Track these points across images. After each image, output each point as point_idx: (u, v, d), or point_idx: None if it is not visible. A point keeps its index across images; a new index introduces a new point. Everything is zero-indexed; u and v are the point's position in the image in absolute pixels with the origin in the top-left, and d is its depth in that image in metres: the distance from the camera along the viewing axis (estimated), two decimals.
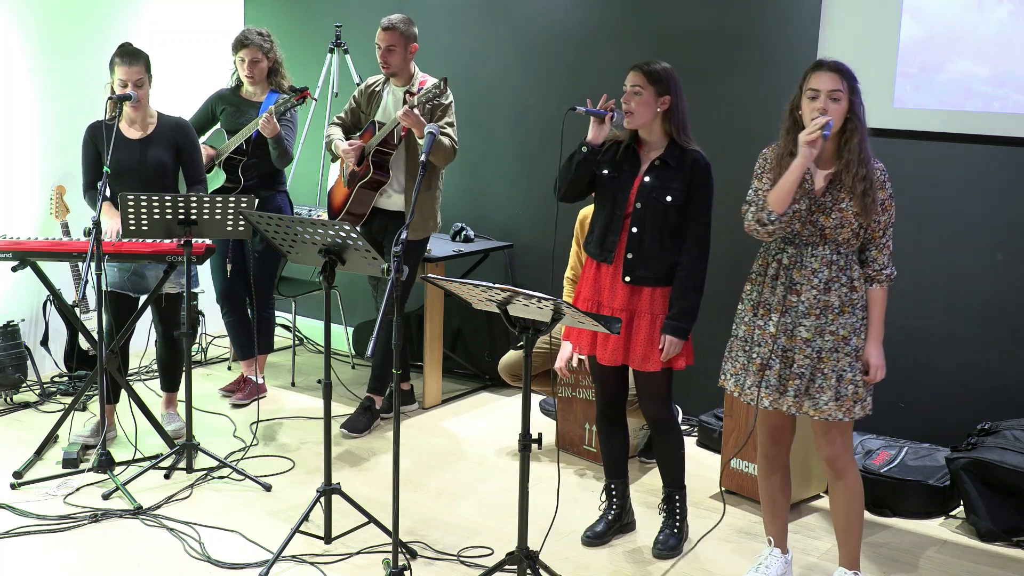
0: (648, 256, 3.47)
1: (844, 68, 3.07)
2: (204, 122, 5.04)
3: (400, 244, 3.17)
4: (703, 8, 4.83)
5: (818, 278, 3.12)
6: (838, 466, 3.20)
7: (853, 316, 3.12)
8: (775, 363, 3.17)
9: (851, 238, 3.10)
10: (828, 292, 3.11)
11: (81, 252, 4.11)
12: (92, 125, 4.35)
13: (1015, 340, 4.23)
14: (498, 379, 5.10)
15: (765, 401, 3.19)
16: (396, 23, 4.56)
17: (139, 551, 3.59)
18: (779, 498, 3.40)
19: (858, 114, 3.07)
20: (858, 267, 3.14)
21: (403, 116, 4.33)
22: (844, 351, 3.12)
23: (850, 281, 3.12)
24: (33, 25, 5.33)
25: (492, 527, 3.85)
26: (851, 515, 3.23)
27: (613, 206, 3.53)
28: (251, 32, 4.91)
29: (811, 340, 3.13)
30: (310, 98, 4.78)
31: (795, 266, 3.15)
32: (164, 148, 4.36)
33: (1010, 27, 4.09)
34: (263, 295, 5.07)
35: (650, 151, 3.53)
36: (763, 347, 3.19)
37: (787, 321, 3.15)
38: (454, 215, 5.56)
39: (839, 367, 3.12)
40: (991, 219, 4.25)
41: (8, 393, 5.05)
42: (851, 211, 3.07)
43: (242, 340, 5.13)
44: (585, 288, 3.63)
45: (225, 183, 4.89)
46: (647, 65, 3.47)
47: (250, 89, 4.98)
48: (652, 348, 3.49)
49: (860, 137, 3.07)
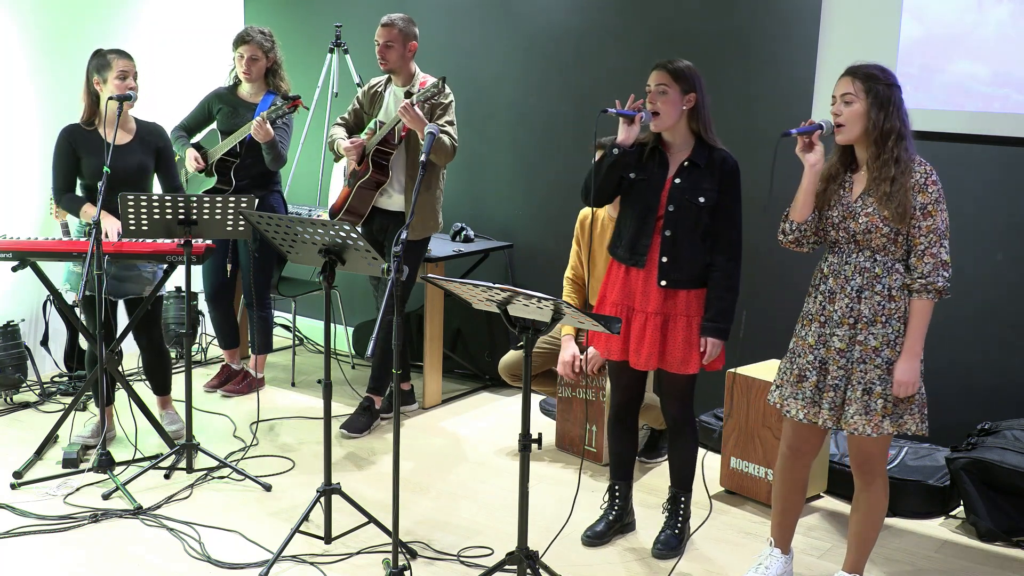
0: (682, 259, 3.44)
1: (861, 71, 3.04)
2: (201, 120, 5.05)
3: (400, 244, 3.17)
4: (703, 8, 4.84)
5: (851, 286, 3.06)
6: (866, 478, 3.17)
7: (887, 327, 3.03)
8: (811, 375, 3.13)
9: (887, 244, 3.02)
10: (859, 301, 3.05)
11: (81, 252, 4.11)
12: (70, 128, 4.31)
13: (1015, 340, 4.23)
14: (498, 379, 5.10)
15: (800, 414, 3.15)
16: (395, 20, 4.57)
17: (139, 551, 3.59)
18: (791, 505, 3.36)
19: (885, 114, 2.99)
20: (900, 276, 3.04)
21: (402, 111, 4.33)
22: (874, 363, 3.04)
23: (886, 290, 3.03)
24: (33, 25, 5.33)
25: (492, 527, 3.85)
26: (868, 526, 3.21)
27: (644, 210, 3.49)
28: (253, 30, 4.92)
29: (844, 351, 3.07)
30: (302, 107, 4.79)
31: (833, 274, 3.12)
32: (146, 152, 4.37)
33: (1010, 27, 4.09)
34: (261, 296, 5.08)
35: (677, 152, 3.49)
36: (802, 358, 3.17)
37: (825, 332, 3.11)
38: (454, 215, 5.56)
39: (867, 379, 3.05)
40: (991, 219, 4.25)
41: (8, 393, 5.05)
42: (879, 216, 3.01)
43: (225, 331, 5.30)
44: (613, 292, 3.59)
45: (217, 184, 4.91)
46: (671, 63, 3.43)
47: (247, 88, 4.99)
48: (690, 351, 3.47)
49: (883, 136, 3.00)
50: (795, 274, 4.23)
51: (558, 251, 5.13)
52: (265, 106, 4.89)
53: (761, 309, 4.62)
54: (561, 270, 4.59)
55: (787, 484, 3.33)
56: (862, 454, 3.14)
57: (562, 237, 5.09)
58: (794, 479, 3.32)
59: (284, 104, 4.72)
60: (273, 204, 5.02)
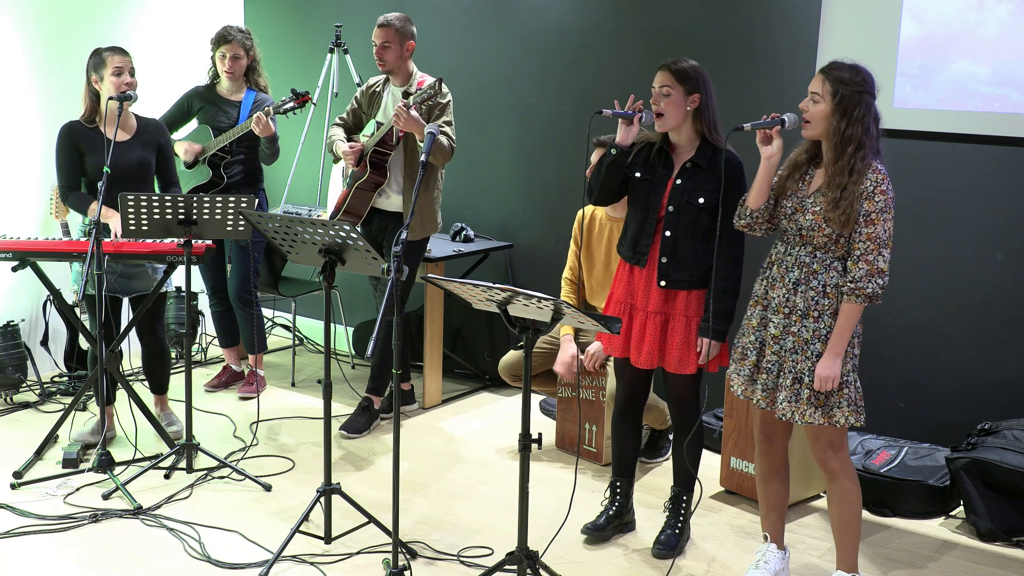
0: (682, 259, 3.46)
1: (833, 72, 3.04)
2: (179, 118, 5.08)
3: (400, 244, 3.17)
4: (703, 8, 4.83)
5: (789, 277, 3.15)
6: (828, 468, 3.20)
7: (819, 322, 3.10)
8: (751, 354, 3.25)
9: (829, 243, 3.07)
10: (795, 293, 3.13)
11: (81, 252, 4.11)
12: (70, 126, 4.31)
13: (1015, 340, 4.23)
14: (498, 379, 5.09)
15: (739, 390, 3.27)
16: (392, 20, 4.57)
17: (139, 551, 3.59)
18: (773, 494, 3.40)
19: (847, 121, 3.00)
20: (837, 275, 3.09)
21: (395, 118, 4.32)
22: (804, 354, 3.12)
23: (821, 287, 3.09)
24: (33, 25, 5.33)
25: (492, 527, 3.85)
26: (844, 519, 3.23)
27: (646, 209, 3.50)
28: (234, 29, 4.97)
29: (778, 337, 3.17)
30: (310, 102, 4.79)
31: (777, 263, 3.20)
32: (148, 149, 4.38)
33: (1010, 27, 4.09)
34: (246, 292, 5.12)
35: (681, 152, 3.50)
36: (745, 337, 3.28)
37: (767, 315, 3.21)
38: (454, 215, 5.56)
39: (797, 369, 3.13)
40: (991, 219, 4.25)
41: (8, 393, 5.05)
42: (824, 216, 3.06)
43: (224, 326, 5.32)
44: (618, 291, 3.62)
45: (212, 178, 4.94)
46: (675, 64, 3.43)
47: (226, 85, 5.01)
48: (688, 351, 3.48)
49: (842, 142, 3.01)
50: None
51: (558, 251, 5.13)
52: (250, 103, 4.91)
53: None
54: (561, 270, 4.59)
55: (764, 470, 3.39)
56: (817, 445, 3.19)
57: (562, 237, 5.09)
58: (770, 464, 3.38)
59: (294, 100, 4.73)
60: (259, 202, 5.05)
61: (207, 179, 4.94)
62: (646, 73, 3.54)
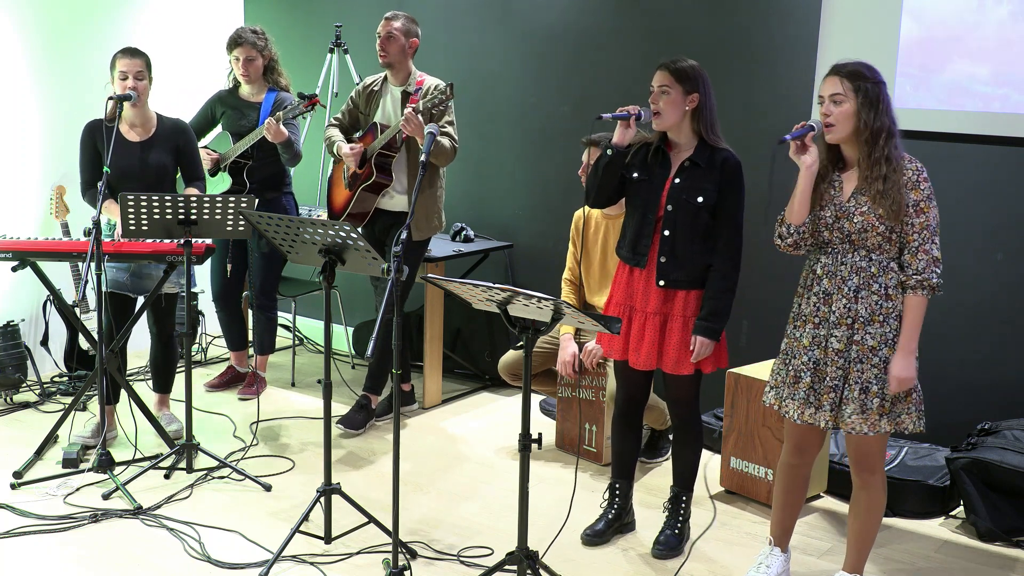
0: (681, 259, 3.44)
1: (847, 69, 3.04)
2: (204, 125, 5.06)
3: (400, 244, 3.17)
4: (703, 8, 4.84)
5: (848, 286, 3.07)
6: (864, 477, 3.17)
7: (885, 326, 3.04)
8: (806, 376, 3.14)
9: (882, 243, 3.03)
10: (856, 301, 3.05)
11: (81, 252, 4.11)
12: (91, 124, 4.34)
13: (1015, 340, 4.23)
14: (498, 379, 5.10)
15: (796, 415, 3.16)
16: (399, 14, 4.62)
17: (139, 551, 3.59)
18: (792, 503, 3.37)
19: (875, 112, 3.00)
20: (895, 275, 3.05)
21: (405, 124, 4.33)
22: (871, 362, 3.05)
23: (883, 289, 3.04)
24: (33, 25, 5.33)
25: (492, 527, 3.85)
26: (867, 526, 3.21)
27: (644, 210, 3.49)
28: (245, 31, 4.94)
29: (842, 351, 3.08)
30: (320, 105, 4.79)
31: (827, 275, 3.12)
32: (165, 151, 4.36)
33: (1010, 27, 4.09)
34: (268, 296, 5.10)
35: (680, 152, 3.49)
36: (796, 359, 3.17)
37: (821, 333, 3.12)
38: (454, 215, 5.56)
39: (864, 379, 3.06)
40: (991, 219, 4.25)
41: (8, 393, 5.05)
42: (873, 214, 3.01)
43: (233, 332, 5.30)
44: (618, 292, 3.60)
45: (233, 186, 4.92)
46: (674, 63, 3.42)
47: (247, 88, 5.00)
48: (685, 352, 3.46)
49: (873, 135, 3.00)
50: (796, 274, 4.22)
51: (558, 251, 5.13)
52: (269, 104, 4.90)
53: (762, 309, 4.63)
54: (561, 270, 4.59)
55: (789, 483, 3.34)
56: (860, 453, 3.15)
57: (562, 237, 5.09)
58: (796, 477, 3.33)
59: (301, 103, 4.72)
60: (285, 205, 5.06)
61: (228, 186, 4.92)
62: (646, 73, 3.54)
